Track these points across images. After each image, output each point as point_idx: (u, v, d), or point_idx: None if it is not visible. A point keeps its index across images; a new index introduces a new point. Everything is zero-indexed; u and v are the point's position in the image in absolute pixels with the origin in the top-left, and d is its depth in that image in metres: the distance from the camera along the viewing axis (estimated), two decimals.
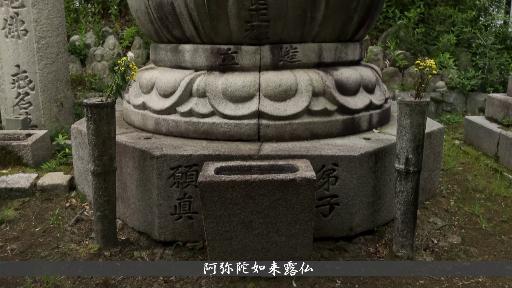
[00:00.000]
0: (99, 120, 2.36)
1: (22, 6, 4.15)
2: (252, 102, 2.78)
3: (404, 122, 2.34)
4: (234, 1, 2.66)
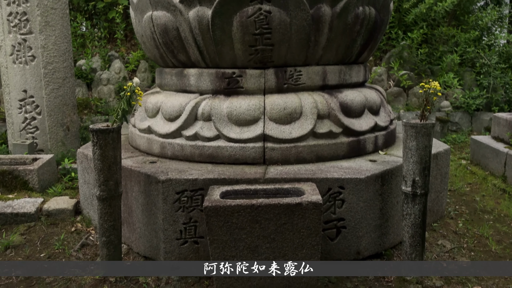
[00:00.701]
0: (105, 145, 2.36)
1: (30, 33, 4.22)
2: (257, 125, 2.78)
3: (410, 144, 2.33)
4: (238, 26, 2.69)
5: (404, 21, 6.79)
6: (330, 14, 2.76)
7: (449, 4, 6.39)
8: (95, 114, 6.03)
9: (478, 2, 7.19)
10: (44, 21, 4.24)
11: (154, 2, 2.91)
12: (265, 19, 2.67)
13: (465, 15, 7.04)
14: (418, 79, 6.58)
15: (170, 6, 2.82)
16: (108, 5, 7.09)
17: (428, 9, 6.49)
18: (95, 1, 7.09)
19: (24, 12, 4.18)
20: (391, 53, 6.77)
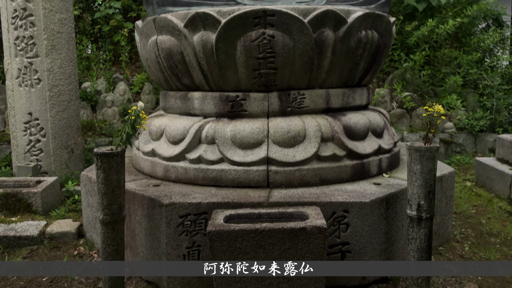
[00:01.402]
0: (109, 169, 2.37)
1: (36, 56, 4.27)
2: (261, 148, 2.78)
3: (414, 168, 2.32)
4: (242, 50, 2.72)
5: (407, 43, 6.84)
6: (333, 38, 2.79)
7: (450, 27, 6.45)
8: (99, 136, 6.06)
9: (479, 24, 7.25)
10: (51, 45, 4.30)
11: (159, 26, 2.95)
12: (268, 43, 2.70)
13: (467, 37, 7.09)
14: (421, 101, 6.60)
15: (175, 31, 2.85)
16: (113, 28, 7.19)
17: (430, 32, 6.55)
18: (100, 24, 7.19)
19: (31, 36, 4.23)
20: (394, 74, 6.80)
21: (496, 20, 7.37)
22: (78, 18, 7.22)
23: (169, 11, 3.05)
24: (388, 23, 3.13)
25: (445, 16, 6.82)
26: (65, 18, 4.41)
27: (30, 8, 4.20)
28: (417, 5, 6.83)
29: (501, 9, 7.19)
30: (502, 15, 7.33)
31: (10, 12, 4.24)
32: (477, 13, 6.71)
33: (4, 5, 4.28)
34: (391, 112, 6.48)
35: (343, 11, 2.79)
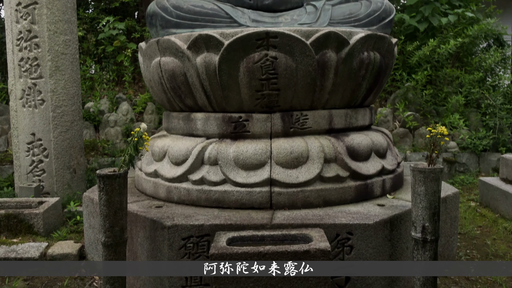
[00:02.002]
0: (111, 191, 2.35)
1: (40, 77, 4.30)
2: (264, 169, 2.77)
3: (418, 189, 2.31)
4: (245, 72, 2.73)
5: (408, 63, 6.88)
6: (335, 59, 2.80)
7: (452, 47, 6.49)
8: (102, 156, 6.06)
9: (480, 44, 7.30)
10: (55, 66, 4.33)
11: (162, 48, 2.97)
12: (271, 64, 2.71)
13: (468, 57, 7.13)
14: (424, 120, 6.60)
15: (178, 52, 2.87)
16: (117, 49, 7.26)
17: (431, 52, 6.59)
18: (104, 45, 7.26)
19: (35, 58, 4.27)
20: (396, 94, 6.82)
21: (497, 40, 7.42)
22: (82, 39, 7.30)
23: (172, 33, 3.08)
24: (390, 44, 3.14)
25: (446, 36, 6.88)
26: (70, 40, 4.45)
27: (35, 30, 4.25)
28: (418, 25, 6.89)
29: (501, 29, 7.25)
30: (502, 35, 7.38)
31: (15, 34, 4.28)
32: (478, 33, 6.76)
33: (9, 27, 4.33)
34: (393, 131, 6.47)
35: (345, 33, 2.81)
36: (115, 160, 5.85)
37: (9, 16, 4.33)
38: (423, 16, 6.94)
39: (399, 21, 7.14)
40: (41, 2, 4.23)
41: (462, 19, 7.03)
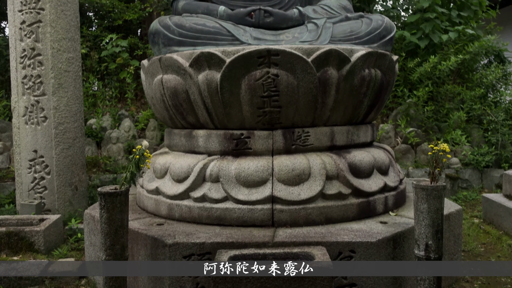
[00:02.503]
0: (112, 208, 2.35)
1: (43, 95, 4.33)
2: (266, 186, 2.76)
3: (421, 207, 2.29)
4: (246, 89, 2.74)
5: (410, 79, 6.90)
6: (336, 76, 2.81)
7: (453, 63, 6.51)
8: (103, 173, 6.05)
9: (481, 60, 7.33)
10: (58, 83, 4.36)
11: (165, 66, 2.99)
12: (272, 82, 2.73)
13: (469, 73, 7.15)
14: (426, 136, 6.59)
15: (180, 70, 2.89)
16: (119, 66, 7.31)
17: (432, 68, 6.61)
18: (107, 62, 7.32)
19: (39, 75, 4.30)
20: (398, 110, 6.83)
21: (497, 56, 7.45)
22: (85, 56, 7.36)
23: (174, 50, 3.10)
24: (391, 62, 3.16)
25: (447, 53, 6.91)
26: (73, 57, 4.49)
27: (39, 48, 4.28)
28: (419, 42, 6.93)
29: (502, 45, 7.28)
30: (503, 52, 7.41)
31: (19, 52, 4.32)
32: (478, 49, 6.79)
33: (13, 45, 4.37)
34: (395, 147, 6.47)
35: (346, 50, 2.82)
36: (117, 177, 5.85)
37: (13, 35, 4.37)
38: (423, 33, 6.98)
39: (400, 38, 7.19)
40: (45, 21, 4.28)
41: (462, 36, 7.07)
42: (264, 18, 3.27)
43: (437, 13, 6.95)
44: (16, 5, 4.30)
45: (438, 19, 6.98)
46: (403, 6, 8.02)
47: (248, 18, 3.28)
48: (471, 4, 7.37)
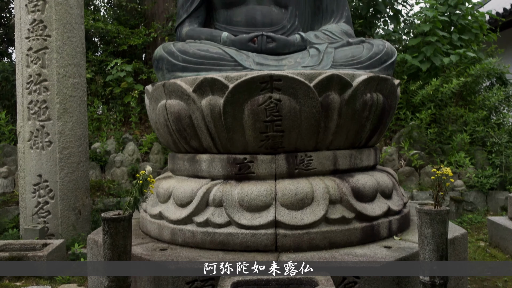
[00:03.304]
0: (116, 234, 2.35)
1: (48, 120, 4.37)
2: (269, 211, 2.76)
3: (425, 231, 2.28)
4: (249, 114, 2.77)
5: (412, 102, 6.94)
6: (338, 101, 2.83)
7: (455, 86, 6.55)
8: (107, 196, 6.06)
9: (483, 83, 7.37)
10: (63, 108, 4.40)
11: (169, 91, 3.03)
12: (275, 107, 2.75)
13: (471, 95, 7.18)
14: (429, 158, 6.58)
15: (184, 95, 2.92)
16: (124, 90, 7.39)
17: (434, 91, 6.65)
18: (112, 86, 7.40)
19: (44, 100, 4.35)
20: (401, 133, 6.84)
21: (499, 78, 7.50)
22: (90, 81, 7.45)
23: (178, 76, 3.14)
24: (392, 86, 3.18)
25: (448, 75, 6.95)
26: (78, 83, 4.55)
27: (45, 74, 4.35)
28: (420, 65, 6.99)
29: (503, 67, 7.33)
30: (505, 74, 7.45)
31: (25, 78, 4.38)
32: (480, 72, 6.83)
33: (20, 71, 4.44)
34: (399, 170, 6.45)
35: (347, 75, 2.85)
36: (121, 201, 5.85)
37: (20, 61, 4.45)
38: (425, 56, 7.04)
39: (401, 61, 7.25)
40: (51, 47, 4.36)
41: (464, 59, 7.12)
42: (267, 44, 3.32)
43: (438, 36, 7.03)
44: (24, 32, 4.38)
45: (439, 43, 7.05)
46: (404, 30, 8.12)
47: (251, 44, 3.33)
48: (472, 27, 7.45)
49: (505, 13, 9.60)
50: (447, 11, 7.39)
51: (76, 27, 4.55)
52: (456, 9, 7.47)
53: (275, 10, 3.69)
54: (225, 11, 3.75)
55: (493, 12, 8.76)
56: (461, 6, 7.42)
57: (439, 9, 7.34)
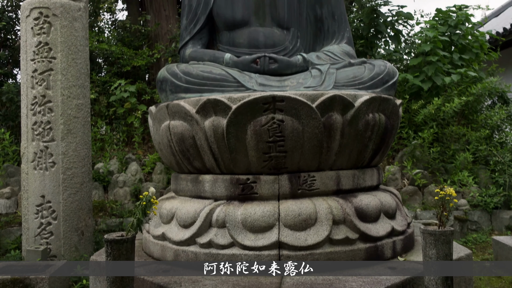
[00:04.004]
0: (118, 256, 2.34)
1: (52, 140, 4.39)
2: (272, 232, 2.75)
3: (429, 252, 2.27)
4: (252, 135, 2.78)
5: (414, 121, 6.95)
6: (341, 121, 2.85)
7: (457, 105, 6.56)
8: (110, 217, 6.04)
9: (485, 101, 7.39)
10: (67, 129, 4.43)
11: (172, 112, 3.05)
12: (278, 127, 2.77)
13: (473, 114, 7.19)
14: (433, 178, 6.56)
15: (187, 116, 2.94)
16: (127, 110, 7.43)
17: (436, 110, 6.66)
18: (115, 107, 7.45)
19: (48, 121, 4.38)
20: (404, 152, 6.83)
21: (501, 97, 7.51)
22: (94, 101, 7.50)
23: (181, 97, 3.17)
24: (394, 106, 3.20)
25: (450, 95, 6.97)
26: (82, 104, 4.58)
27: (49, 95, 4.38)
28: (422, 84, 7.02)
29: (505, 86, 7.36)
30: (506, 93, 7.47)
31: (30, 99, 4.42)
32: (482, 91, 6.85)
33: (25, 93, 4.48)
34: (402, 189, 6.43)
35: (350, 96, 2.88)
36: (123, 221, 5.83)
37: (25, 83, 4.49)
38: (426, 75, 7.08)
39: (403, 81, 7.28)
40: (56, 69, 4.40)
41: (465, 78, 7.16)
42: (269, 65, 3.36)
43: (439, 56, 7.08)
44: (29, 54, 4.44)
45: (440, 62, 7.09)
46: (405, 50, 8.18)
47: (254, 65, 3.36)
48: (472, 47, 7.50)
49: (505, 33, 9.68)
50: (448, 31, 7.45)
51: (81, 49, 4.61)
52: (456, 29, 7.53)
53: (277, 32, 3.74)
54: (228, 33, 3.80)
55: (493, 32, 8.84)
56: (461, 26, 7.49)
57: (440, 29, 7.41)
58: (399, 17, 7.97)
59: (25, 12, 4.50)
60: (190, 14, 3.87)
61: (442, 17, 7.61)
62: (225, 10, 3.76)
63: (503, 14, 12.47)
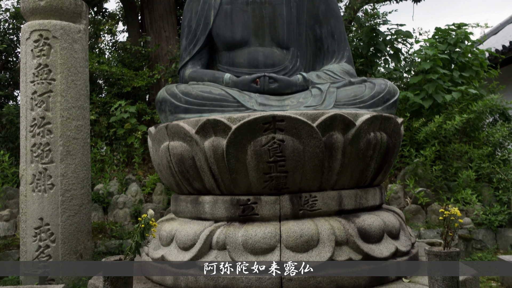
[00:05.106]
0: (116, 280, 2.29)
1: (51, 162, 4.36)
2: (273, 254, 2.70)
3: (435, 274, 2.21)
4: (252, 155, 2.75)
5: (416, 139, 6.91)
6: (342, 141, 2.82)
7: (458, 122, 6.54)
8: (109, 239, 5.97)
9: (486, 119, 7.36)
10: (66, 151, 4.40)
11: (171, 133, 3.02)
12: (278, 147, 2.73)
13: (475, 132, 7.16)
14: (436, 196, 6.50)
15: (187, 137, 2.91)
16: (127, 131, 7.42)
17: (438, 128, 6.64)
18: (115, 127, 7.44)
19: (47, 143, 4.35)
20: (406, 170, 6.78)
21: (502, 114, 7.49)
22: (94, 122, 7.49)
23: (181, 118, 3.15)
24: (396, 124, 3.17)
25: (451, 112, 6.96)
26: (81, 125, 4.56)
27: (49, 117, 4.37)
28: (423, 102, 7.01)
29: (506, 103, 7.34)
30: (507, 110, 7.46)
31: (29, 121, 4.40)
32: (483, 108, 6.84)
33: (24, 115, 4.46)
34: (405, 208, 6.36)
35: (350, 115, 2.85)
36: (123, 243, 5.75)
37: (24, 104, 4.48)
38: (427, 93, 7.08)
39: (403, 99, 7.28)
40: (55, 91, 4.40)
41: (466, 96, 7.15)
42: (269, 84, 3.34)
43: (439, 74, 7.08)
44: (29, 76, 4.44)
45: (440, 80, 7.10)
46: (405, 68, 8.20)
47: (253, 85, 3.35)
48: (472, 65, 7.52)
49: (505, 50, 9.73)
50: (447, 49, 7.48)
51: (80, 70, 4.61)
52: (455, 47, 7.56)
53: (277, 51, 3.74)
54: (228, 53, 3.80)
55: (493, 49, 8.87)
56: (461, 44, 7.51)
57: (439, 47, 7.43)
58: (398, 35, 8.01)
59: (25, 35, 4.51)
60: (190, 35, 3.88)
61: (442, 36, 7.65)
62: (225, 30, 3.77)
63: (502, 32, 12.55)
